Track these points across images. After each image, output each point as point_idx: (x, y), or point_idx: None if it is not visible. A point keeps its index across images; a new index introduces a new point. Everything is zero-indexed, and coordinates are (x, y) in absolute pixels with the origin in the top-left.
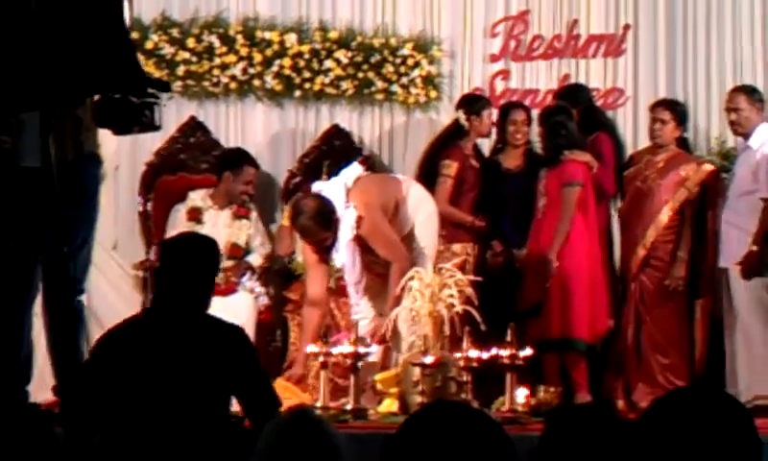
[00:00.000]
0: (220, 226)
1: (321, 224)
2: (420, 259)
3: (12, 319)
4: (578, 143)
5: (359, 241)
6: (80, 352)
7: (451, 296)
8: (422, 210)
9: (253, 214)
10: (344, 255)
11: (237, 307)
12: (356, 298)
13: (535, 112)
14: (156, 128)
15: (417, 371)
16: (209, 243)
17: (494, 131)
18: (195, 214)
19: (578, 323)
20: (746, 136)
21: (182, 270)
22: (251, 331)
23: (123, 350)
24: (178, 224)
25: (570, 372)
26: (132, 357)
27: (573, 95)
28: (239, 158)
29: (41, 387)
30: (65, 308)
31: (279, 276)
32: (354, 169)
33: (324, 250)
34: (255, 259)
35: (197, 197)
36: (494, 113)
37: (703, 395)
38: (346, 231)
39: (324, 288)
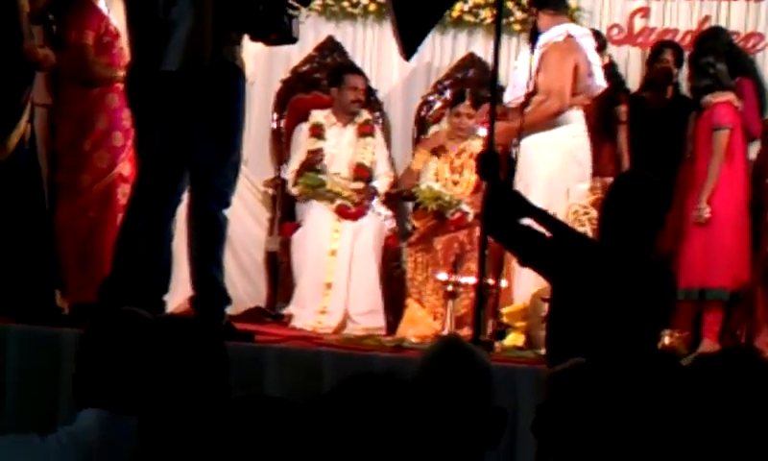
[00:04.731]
0: (344, 144)
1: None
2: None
3: (155, 227)
4: (725, 85)
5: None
6: (220, 266)
7: (585, 234)
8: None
9: (378, 136)
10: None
11: (367, 231)
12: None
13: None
14: (293, 40)
15: (545, 306)
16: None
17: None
18: (317, 130)
19: (721, 270)
20: None
21: (634, 207)
22: (378, 255)
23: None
24: (301, 142)
25: (704, 318)
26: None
27: (712, 40)
28: (339, 71)
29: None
30: (211, 220)
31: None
32: None
33: None
34: (382, 185)
35: (319, 114)
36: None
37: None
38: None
39: None
